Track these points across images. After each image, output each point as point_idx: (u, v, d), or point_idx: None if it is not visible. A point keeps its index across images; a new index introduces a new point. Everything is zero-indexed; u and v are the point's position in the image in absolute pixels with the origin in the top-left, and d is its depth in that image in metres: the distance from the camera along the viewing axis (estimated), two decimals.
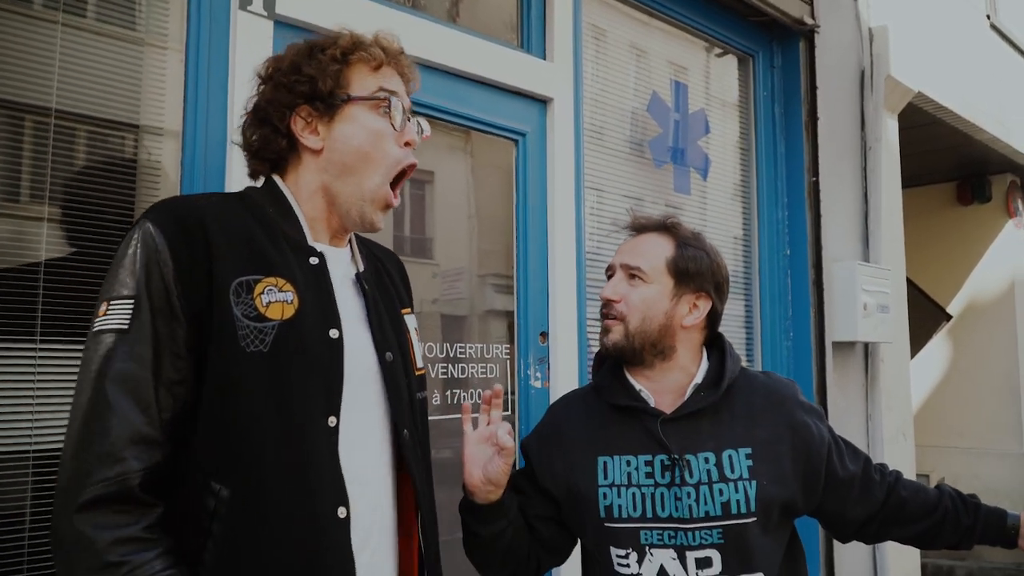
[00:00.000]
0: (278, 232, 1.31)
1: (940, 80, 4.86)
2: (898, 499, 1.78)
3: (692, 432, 1.63)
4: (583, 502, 1.63)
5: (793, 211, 3.67)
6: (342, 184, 1.35)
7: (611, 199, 3.05)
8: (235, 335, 1.19)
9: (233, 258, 1.23)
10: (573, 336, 2.71)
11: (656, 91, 3.23)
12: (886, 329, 3.93)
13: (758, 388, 1.72)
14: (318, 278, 1.32)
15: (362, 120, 1.35)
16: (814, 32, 3.70)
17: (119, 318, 1.16)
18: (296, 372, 1.23)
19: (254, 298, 1.22)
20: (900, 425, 4.27)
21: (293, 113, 1.34)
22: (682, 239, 1.71)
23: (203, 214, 1.24)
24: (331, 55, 1.34)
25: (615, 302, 1.68)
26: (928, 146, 5.68)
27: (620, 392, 1.69)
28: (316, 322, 1.27)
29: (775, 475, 1.62)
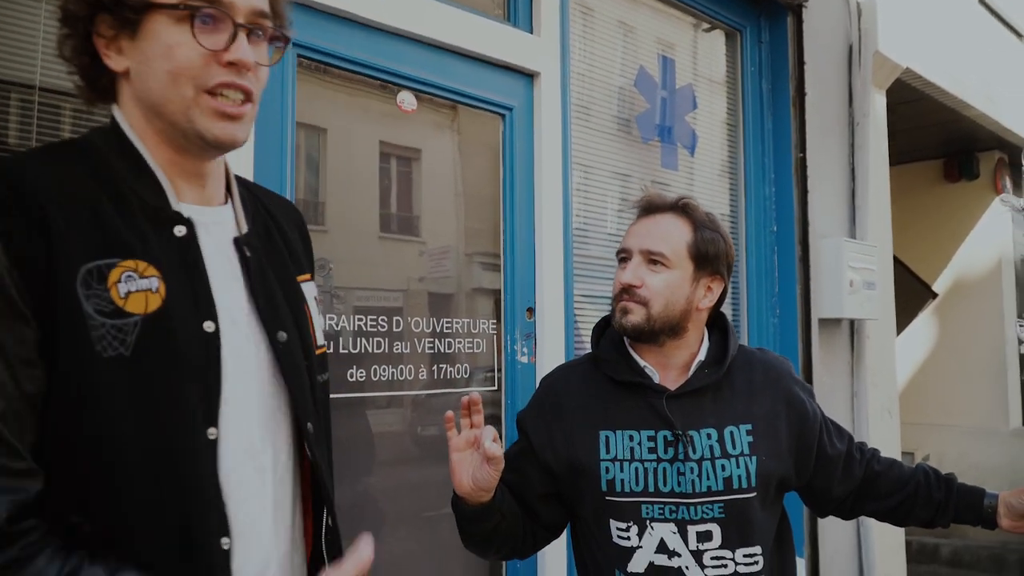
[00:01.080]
0: (130, 197, 1.04)
1: (928, 56, 4.85)
2: (872, 473, 1.82)
3: (695, 408, 1.64)
4: (584, 475, 1.63)
5: (780, 187, 3.67)
6: (160, 111, 1.05)
7: (598, 175, 3.04)
8: (87, 336, 0.95)
9: (78, 239, 0.97)
10: (560, 312, 2.70)
11: (643, 66, 3.21)
12: (872, 306, 3.94)
13: (756, 364, 1.74)
14: (186, 255, 1.06)
15: (164, 36, 1.02)
16: (802, 7, 3.69)
17: None
18: (166, 378, 1.00)
19: (109, 288, 0.97)
20: (885, 402, 4.30)
21: (93, 27, 1.05)
22: (699, 222, 1.69)
23: (34, 181, 0.98)
24: None
25: (637, 287, 1.65)
26: (916, 123, 5.68)
27: (624, 367, 1.69)
28: (187, 313, 1.03)
29: (773, 450, 1.65)
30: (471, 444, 1.49)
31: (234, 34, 1.04)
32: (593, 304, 2.95)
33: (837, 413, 3.80)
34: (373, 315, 2.31)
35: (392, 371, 2.34)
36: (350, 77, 2.32)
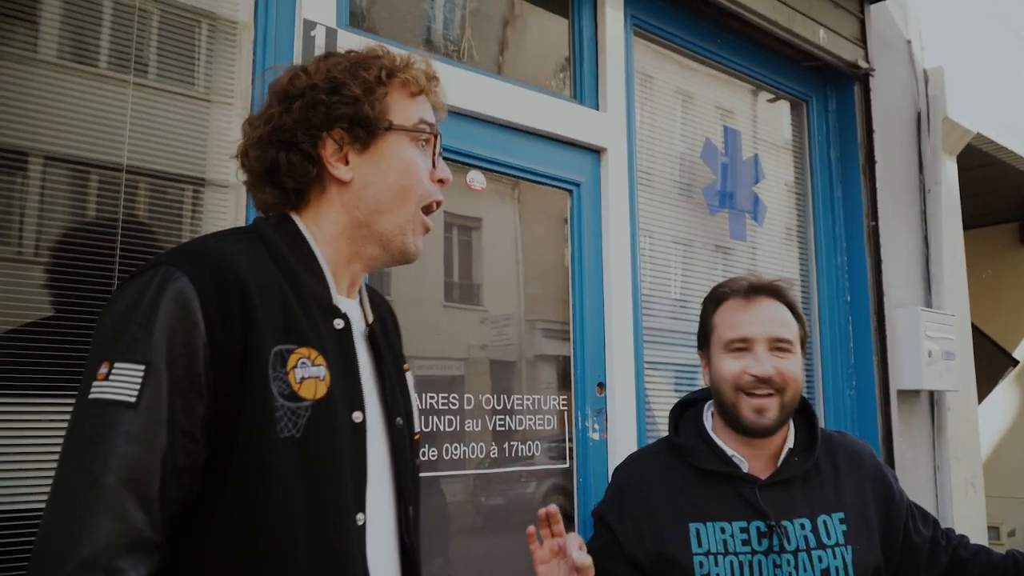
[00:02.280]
0: (304, 288, 1.10)
1: (999, 119, 4.76)
2: (958, 560, 1.76)
3: (786, 498, 1.60)
4: (676, 571, 1.58)
5: (852, 256, 3.60)
6: (375, 221, 1.16)
7: (665, 246, 3.03)
8: (272, 416, 1.00)
9: (270, 321, 1.03)
10: (631, 386, 2.67)
11: (709, 138, 3.21)
12: (952, 377, 3.80)
13: (838, 449, 1.71)
14: (343, 347, 1.12)
15: (401, 153, 1.16)
16: (869, 76, 3.66)
17: (125, 387, 0.93)
18: (328, 462, 1.05)
19: (287, 372, 1.02)
20: (969, 476, 4.11)
21: (323, 137, 1.14)
22: (792, 304, 1.69)
23: (238, 265, 1.03)
24: (375, 75, 1.15)
25: (772, 377, 1.62)
26: (988, 186, 5.55)
27: (711, 457, 1.66)
28: (343, 403, 1.08)
29: (866, 539, 1.61)
30: (555, 554, 1.46)
31: (439, 156, 1.19)
32: (659, 373, 2.90)
33: (919, 488, 3.65)
34: (438, 386, 2.30)
35: (463, 449, 2.32)
36: None
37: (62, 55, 1.78)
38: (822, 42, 3.43)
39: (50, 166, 1.76)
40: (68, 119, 1.74)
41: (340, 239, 1.16)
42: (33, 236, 1.72)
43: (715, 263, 3.19)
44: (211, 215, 1.96)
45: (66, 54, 1.78)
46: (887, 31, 3.96)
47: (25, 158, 1.72)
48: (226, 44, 2.02)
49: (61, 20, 1.79)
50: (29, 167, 1.74)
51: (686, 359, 2.99)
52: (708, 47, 3.22)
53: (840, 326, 3.53)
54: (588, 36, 2.80)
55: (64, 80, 1.76)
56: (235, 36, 2.03)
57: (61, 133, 1.73)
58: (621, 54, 2.84)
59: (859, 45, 3.67)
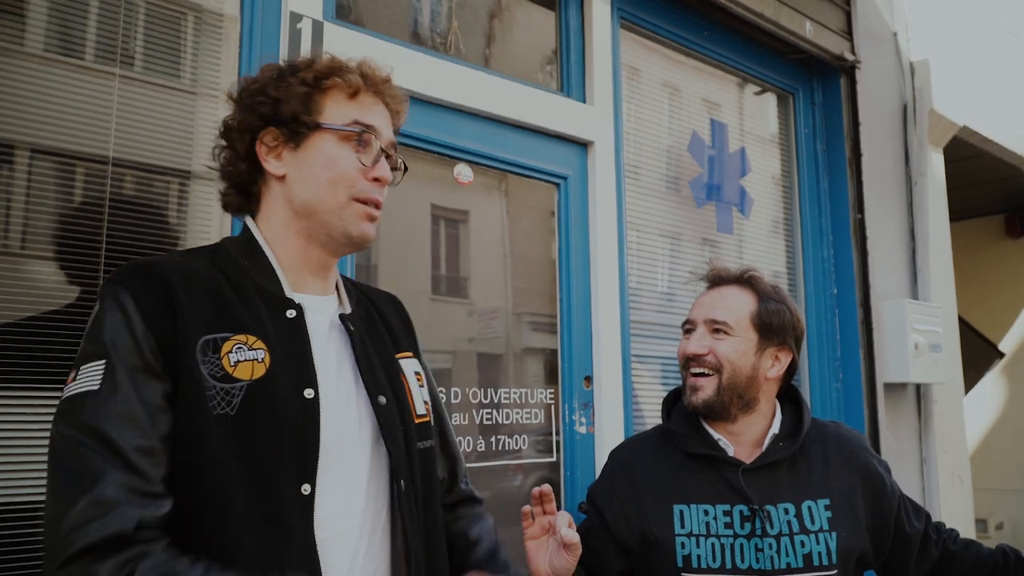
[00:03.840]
0: (250, 286, 1.22)
1: (985, 112, 4.78)
2: (948, 554, 1.77)
3: (771, 482, 1.62)
4: (659, 550, 1.60)
5: (839, 249, 3.61)
6: (311, 212, 1.25)
7: (652, 239, 3.03)
8: (202, 395, 1.10)
9: (198, 315, 1.15)
10: (618, 379, 2.67)
11: (695, 131, 3.21)
12: (939, 369, 3.82)
13: (830, 438, 1.72)
14: (293, 333, 1.21)
15: (328, 151, 1.24)
16: (855, 68, 3.67)
17: (90, 380, 1.07)
18: (265, 437, 1.13)
19: (221, 357, 1.13)
20: (956, 468, 4.14)
21: (257, 137, 1.25)
22: (763, 293, 1.71)
23: (165, 271, 1.16)
24: (302, 78, 1.24)
25: (703, 355, 1.66)
26: (974, 178, 5.58)
27: (697, 441, 1.68)
28: (289, 381, 1.17)
29: (852, 527, 1.62)
30: (546, 531, 1.47)
31: (378, 155, 1.27)
32: (646, 367, 2.91)
33: (906, 480, 3.67)
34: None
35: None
36: (411, 151, 2.37)
37: (48, 47, 1.76)
38: (808, 34, 3.44)
39: (36, 158, 1.74)
40: (54, 111, 1.73)
41: (288, 232, 1.27)
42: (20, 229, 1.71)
43: (702, 256, 3.20)
44: (196, 207, 1.95)
45: (52, 46, 1.77)
46: (873, 23, 3.97)
47: (11, 150, 1.71)
48: (212, 37, 2.01)
49: (48, 13, 1.78)
50: (15, 159, 1.73)
51: (671, 351, 3.00)
52: (694, 39, 3.22)
53: (826, 319, 3.55)
54: (575, 29, 2.80)
55: (49, 72, 1.74)
56: (221, 29, 2.02)
57: (46, 125, 1.72)
58: (608, 47, 2.84)
59: (845, 37, 3.68)
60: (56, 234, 1.74)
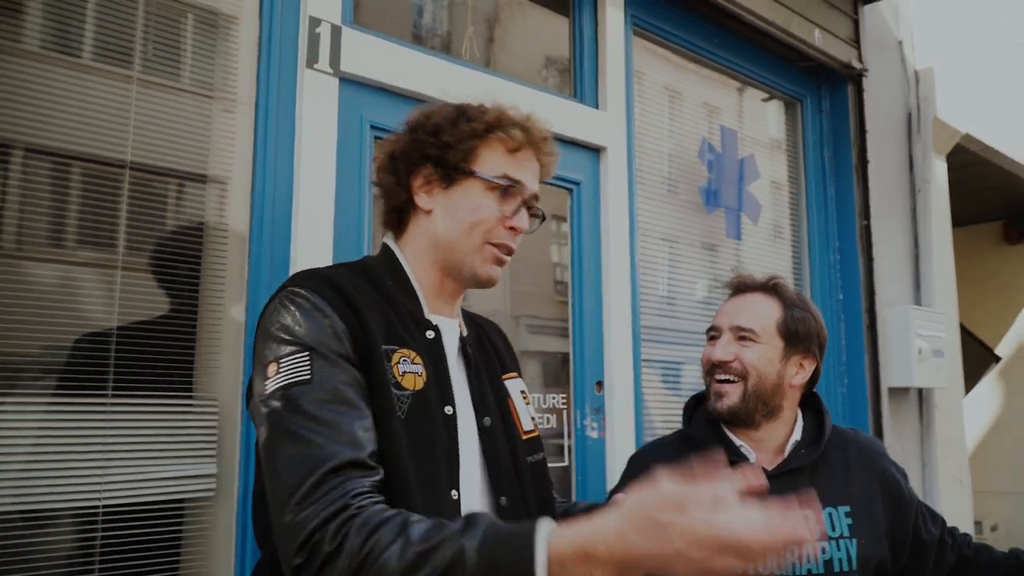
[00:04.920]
0: (400, 305, 1.33)
1: (986, 120, 4.81)
2: (963, 559, 1.81)
3: (792, 489, 1.62)
4: None
5: (845, 255, 3.63)
6: (448, 248, 1.36)
7: (662, 245, 3.04)
8: (391, 396, 1.21)
9: (375, 325, 1.24)
10: (629, 384, 2.68)
11: (705, 137, 3.23)
12: (941, 374, 3.85)
13: (850, 444, 1.74)
14: (434, 352, 1.33)
15: (474, 198, 1.34)
16: (862, 76, 3.69)
17: (297, 371, 1.14)
18: (426, 442, 1.24)
19: (392, 366, 1.23)
20: (956, 472, 4.17)
21: (416, 170, 1.36)
22: (789, 300, 1.72)
23: (344, 282, 1.26)
24: (471, 128, 1.34)
25: (729, 362, 1.67)
26: (974, 185, 5.61)
27: (719, 448, 1.68)
28: (436, 397, 1.28)
29: (872, 533, 1.63)
30: None
31: (519, 207, 1.36)
32: (656, 371, 2.92)
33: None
34: None
35: None
36: None
37: (60, 48, 1.76)
38: (817, 42, 3.45)
39: (56, 162, 1.74)
40: (68, 114, 1.73)
41: (427, 261, 1.38)
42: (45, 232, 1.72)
43: (711, 261, 3.21)
44: (211, 210, 1.95)
45: (64, 47, 1.77)
46: (879, 32, 3.99)
47: (11, 150, 1.71)
48: (230, 41, 2.01)
49: (58, 12, 1.77)
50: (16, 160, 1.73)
51: (681, 356, 3.01)
52: (706, 47, 3.23)
53: (832, 324, 3.56)
54: (588, 35, 2.81)
55: (61, 74, 1.74)
56: (238, 32, 2.02)
57: (63, 128, 1.72)
58: (621, 53, 2.84)
59: (853, 46, 3.69)
60: (75, 237, 1.74)
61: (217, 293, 1.92)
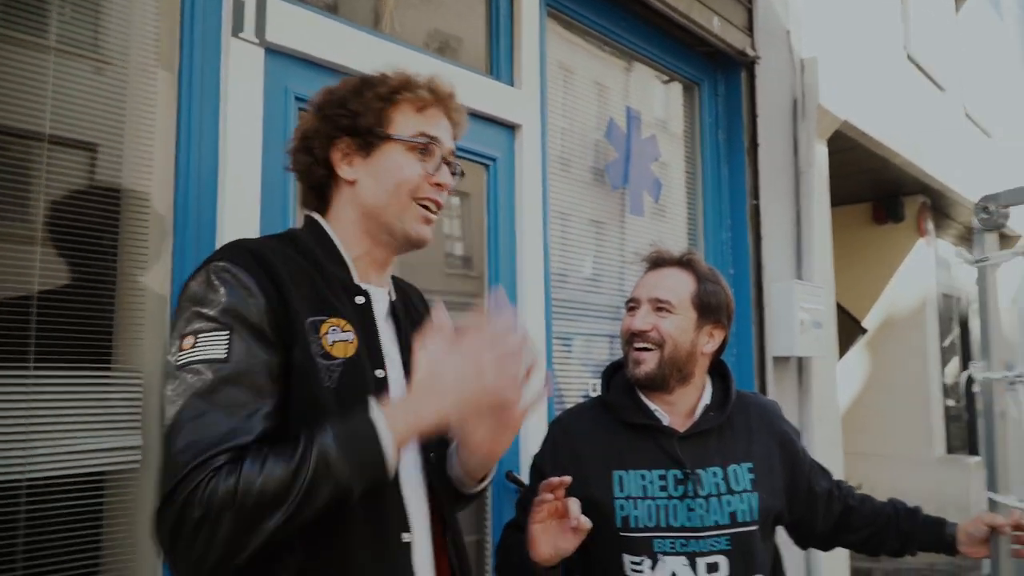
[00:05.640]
0: (328, 273, 1.36)
1: (863, 108, 5.16)
2: (848, 508, 1.98)
3: (701, 449, 1.76)
4: (599, 513, 1.71)
5: (736, 232, 3.85)
6: (378, 214, 1.39)
7: (572, 221, 3.16)
8: (316, 369, 1.24)
9: (302, 297, 1.27)
10: (542, 356, 2.79)
11: (612, 117, 3.35)
12: (819, 344, 4.15)
13: (751, 407, 1.88)
14: (364, 318, 1.37)
15: (396, 159, 1.38)
16: (755, 63, 3.90)
17: (213, 348, 1.16)
18: (358, 408, 1.25)
19: (320, 337, 1.26)
20: (831, 435, 4.51)
21: (332, 145, 1.39)
22: (702, 275, 1.83)
23: (270, 254, 1.27)
24: (377, 93, 1.38)
25: (647, 331, 1.77)
26: (849, 169, 6.01)
27: (635, 411, 1.80)
28: (367, 361, 1.32)
29: (771, 488, 1.78)
30: (552, 514, 1.56)
31: (440, 162, 1.41)
32: (566, 346, 3.04)
33: None
34: None
35: None
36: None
37: None
38: (716, 30, 3.63)
39: None
40: None
41: (356, 231, 1.41)
42: None
43: (615, 237, 3.35)
44: (130, 180, 1.91)
45: None
46: (770, 21, 4.21)
47: None
48: (152, 9, 1.97)
49: None
50: None
51: (590, 330, 3.14)
52: (613, 29, 3.35)
53: None
54: (505, 13, 2.86)
55: None
56: (161, 1, 1.98)
57: None
58: (536, 32, 2.92)
59: (747, 34, 3.90)
60: None
61: (137, 266, 1.90)
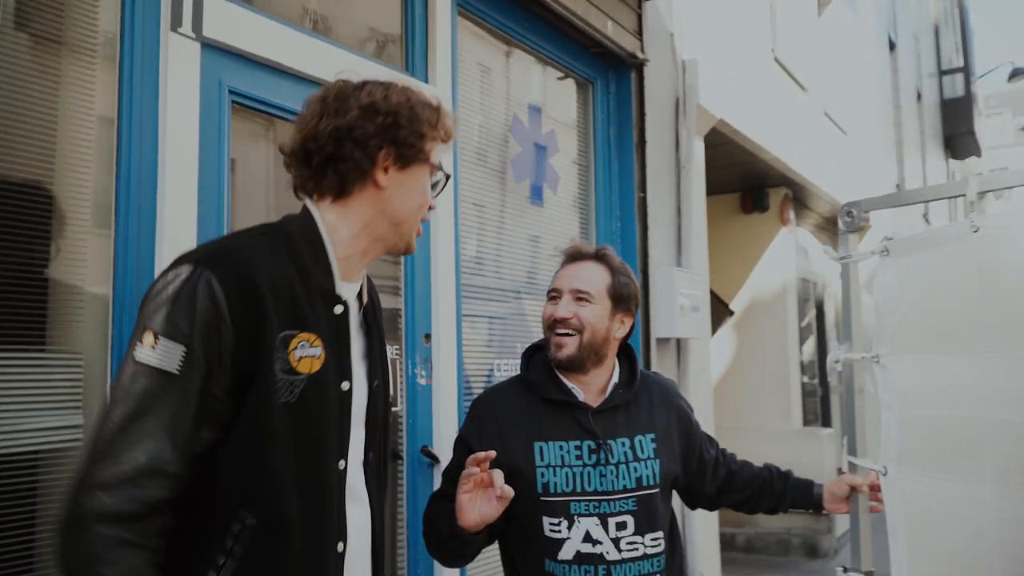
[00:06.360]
0: (313, 280, 1.37)
1: (736, 107, 5.57)
2: (730, 472, 2.26)
3: (612, 422, 1.98)
4: (521, 480, 1.91)
5: (625, 223, 4.14)
6: (396, 223, 1.45)
7: (480, 210, 3.35)
8: (271, 388, 1.28)
9: (278, 314, 1.30)
10: (453, 337, 2.98)
11: (516, 113, 3.56)
12: (696, 326, 4.52)
13: (653, 385, 2.12)
14: (339, 329, 1.41)
15: (423, 180, 1.46)
16: (644, 65, 4.19)
17: (170, 360, 1.21)
18: (316, 422, 1.34)
19: (288, 352, 1.30)
20: (703, 409, 4.91)
21: (383, 147, 1.40)
22: (615, 268, 2.05)
23: (256, 270, 1.29)
24: (428, 118, 1.44)
25: (569, 319, 1.98)
26: (720, 162, 6.45)
27: (554, 389, 2.00)
28: (334, 375, 1.37)
29: (670, 455, 2.03)
30: (479, 484, 1.75)
31: (439, 191, 1.53)
32: (473, 327, 3.24)
33: None
34: None
35: None
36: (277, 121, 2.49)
37: None
38: (610, 33, 3.89)
39: None
40: None
41: (363, 230, 1.44)
42: None
43: (519, 226, 3.57)
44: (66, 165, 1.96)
45: None
46: (656, 24, 4.51)
47: None
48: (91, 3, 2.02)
49: None
50: None
51: (495, 312, 3.36)
52: (518, 29, 3.55)
53: None
54: (419, 12, 3.01)
55: None
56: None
57: None
58: (448, 31, 3.08)
59: (637, 37, 4.18)
60: None
61: (76, 251, 1.97)
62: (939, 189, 2.17)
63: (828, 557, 7.12)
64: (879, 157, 10.78)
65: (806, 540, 7.24)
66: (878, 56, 11.23)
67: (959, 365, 1.94)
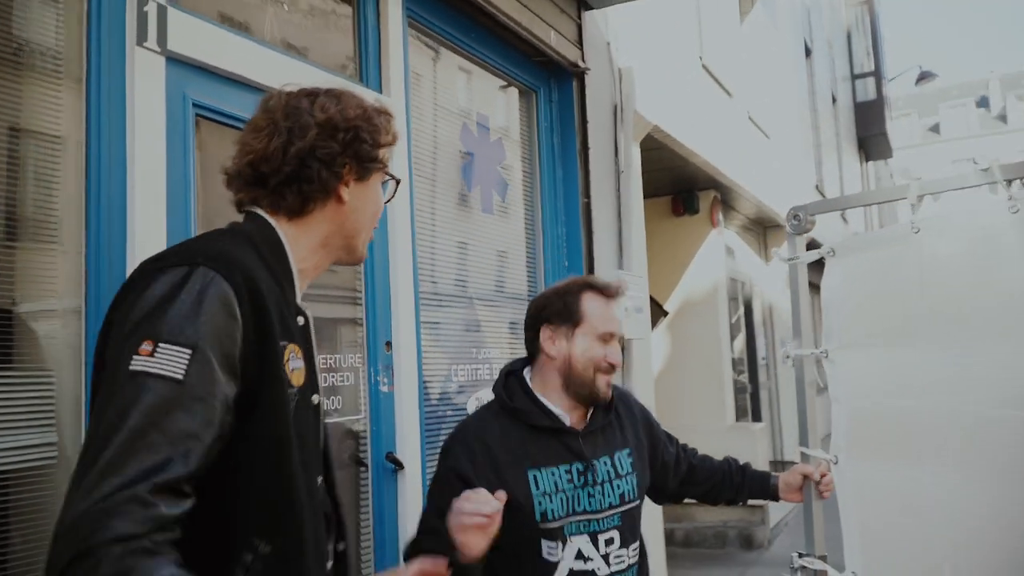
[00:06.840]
0: (285, 291, 1.31)
1: (668, 113, 5.75)
2: (691, 466, 2.36)
3: (594, 443, 2.05)
4: (520, 511, 1.90)
5: (570, 228, 4.25)
6: (354, 235, 1.41)
7: (435, 219, 3.40)
8: (285, 395, 1.22)
9: (275, 323, 1.23)
10: (413, 344, 3.03)
11: (465, 123, 3.62)
12: (639, 327, 4.66)
13: (619, 400, 2.19)
14: (306, 340, 1.34)
15: (377, 188, 1.44)
16: (585, 73, 4.31)
17: (172, 365, 1.08)
18: (309, 434, 1.29)
19: (284, 364, 1.24)
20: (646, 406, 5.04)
21: (347, 164, 1.36)
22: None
23: (255, 275, 1.23)
24: (384, 126, 1.41)
25: (619, 365, 2.04)
26: (654, 166, 6.63)
27: (542, 416, 2.02)
28: (310, 388, 1.31)
29: (642, 466, 2.12)
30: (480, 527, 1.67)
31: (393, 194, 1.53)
32: (433, 335, 3.29)
33: None
34: None
35: None
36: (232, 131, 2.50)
37: None
38: (553, 43, 3.99)
39: None
40: None
41: (319, 244, 1.39)
42: None
43: (471, 233, 3.63)
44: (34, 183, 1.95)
45: None
46: (594, 34, 4.63)
47: None
48: (55, 12, 2.01)
49: None
50: None
51: (451, 318, 3.41)
52: (465, 40, 3.62)
53: None
54: (372, 24, 3.05)
55: None
56: (67, 7, 2.02)
57: None
58: (400, 43, 3.13)
59: (577, 47, 4.29)
60: None
61: (45, 269, 1.95)
62: (881, 193, 2.33)
63: (763, 548, 7.37)
64: (799, 159, 11.21)
65: (742, 532, 7.48)
66: (795, 62, 11.68)
67: (903, 357, 2.09)
